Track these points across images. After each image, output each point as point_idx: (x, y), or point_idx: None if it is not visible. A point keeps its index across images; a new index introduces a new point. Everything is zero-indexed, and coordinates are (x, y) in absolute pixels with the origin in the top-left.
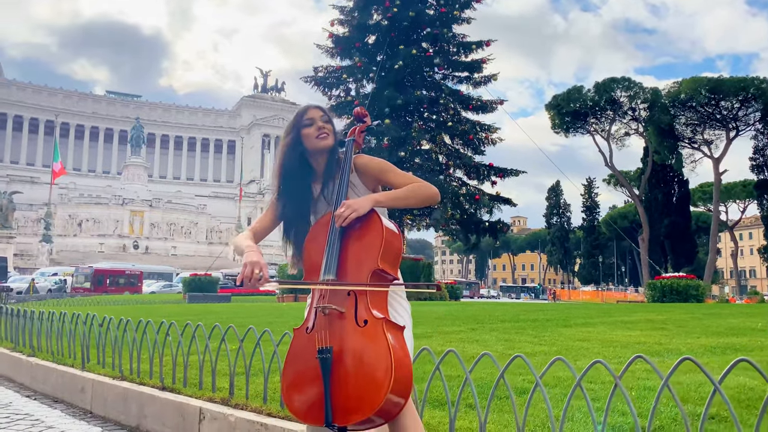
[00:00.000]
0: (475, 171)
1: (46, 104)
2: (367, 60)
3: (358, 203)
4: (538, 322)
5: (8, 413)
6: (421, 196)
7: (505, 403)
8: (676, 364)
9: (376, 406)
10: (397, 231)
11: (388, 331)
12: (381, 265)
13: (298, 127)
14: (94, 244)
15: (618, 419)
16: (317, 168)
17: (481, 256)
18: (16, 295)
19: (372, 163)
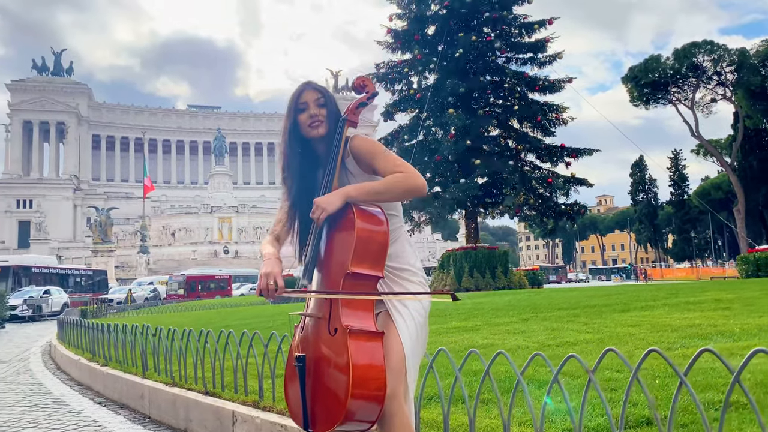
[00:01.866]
0: (547, 153)
1: (134, 123)
2: (427, 51)
3: (328, 201)
4: (596, 308)
5: (77, 420)
6: (399, 189)
7: (520, 399)
8: (695, 357)
9: (338, 419)
10: (381, 224)
11: (355, 341)
12: (353, 269)
13: (294, 112)
14: (187, 252)
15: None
16: (319, 155)
17: (568, 240)
18: (116, 306)
19: (363, 145)
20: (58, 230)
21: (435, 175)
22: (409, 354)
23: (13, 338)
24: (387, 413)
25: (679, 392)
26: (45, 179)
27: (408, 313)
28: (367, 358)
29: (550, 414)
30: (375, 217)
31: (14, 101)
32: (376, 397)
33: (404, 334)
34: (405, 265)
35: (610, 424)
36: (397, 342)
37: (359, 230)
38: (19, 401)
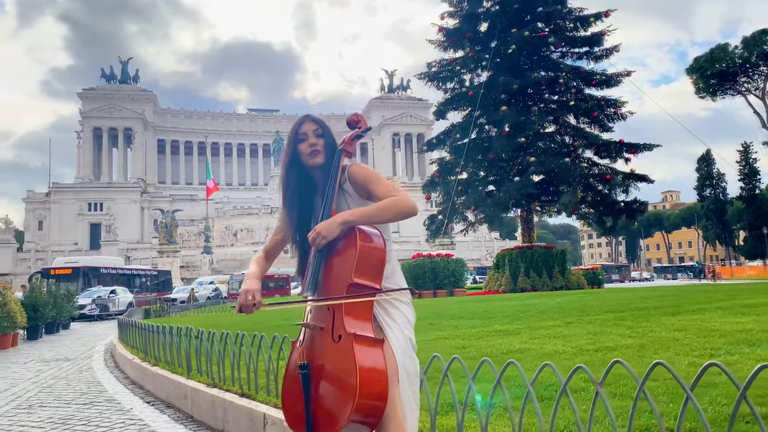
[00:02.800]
0: (605, 149)
1: (197, 127)
2: (479, 48)
3: (327, 228)
4: (645, 311)
5: (125, 419)
6: (392, 211)
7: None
8: (701, 372)
9: (344, 421)
10: (380, 240)
11: (360, 346)
12: (356, 279)
13: (294, 142)
14: (248, 252)
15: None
16: (317, 182)
17: (632, 237)
18: (180, 305)
19: (359, 172)
20: (127, 232)
21: (488, 173)
22: (402, 367)
23: (81, 337)
24: (384, 417)
25: (686, 407)
26: (114, 183)
27: (398, 327)
28: (371, 361)
29: (570, 425)
30: (374, 237)
31: (85, 109)
32: (379, 398)
33: (396, 345)
34: (395, 284)
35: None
36: (390, 352)
37: (361, 246)
38: (76, 399)
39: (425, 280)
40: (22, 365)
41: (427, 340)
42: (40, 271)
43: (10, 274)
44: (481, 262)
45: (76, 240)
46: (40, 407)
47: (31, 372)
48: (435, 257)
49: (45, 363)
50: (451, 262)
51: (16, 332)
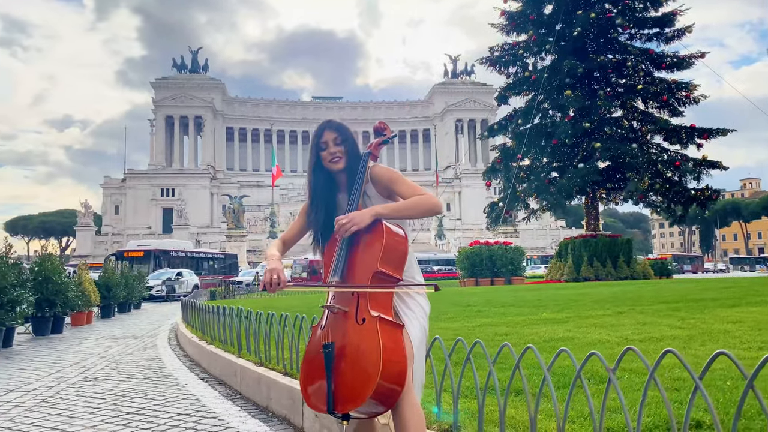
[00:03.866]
0: (675, 135)
1: (264, 115)
2: (543, 32)
3: (360, 217)
4: (702, 303)
5: (178, 393)
6: (421, 208)
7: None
8: (710, 360)
9: (366, 396)
10: (404, 237)
11: (383, 328)
12: (381, 268)
13: (316, 149)
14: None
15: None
16: (339, 183)
17: (706, 226)
18: (245, 287)
19: (384, 173)
20: (197, 216)
21: (552, 159)
22: (416, 351)
23: (150, 316)
24: (399, 400)
25: (694, 396)
26: (185, 169)
27: (415, 317)
28: (393, 343)
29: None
30: (399, 232)
31: (158, 98)
32: (399, 379)
33: (413, 333)
34: (412, 277)
35: (628, 422)
36: (407, 337)
37: (387, 238)
38: (137, 374)
39: (482, 268)
40: (93, 341)
41: (471, 327)
42: (114, 253)
43: (89, 255)
44: (546, 251)
45: (150, 224)
46: (104, 380)
47: (101, 348)
48: (493, 245)
49: (114, 340)
50: (509, 250)
51: (90, 310)
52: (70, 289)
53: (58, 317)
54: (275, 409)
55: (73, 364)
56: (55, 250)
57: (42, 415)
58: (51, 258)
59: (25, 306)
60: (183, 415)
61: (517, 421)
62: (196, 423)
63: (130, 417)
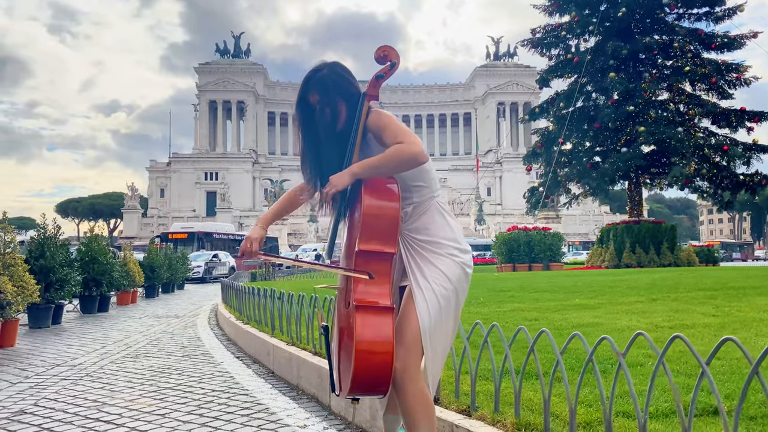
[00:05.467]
0: (724, 118)
1: None
2: (587, 12)
3: (338, 179)
4: (741, 290)
5: (213, 371)
6: (395, 160)
7: None
8: (717, 346)
9: (351, 383)
10: (392, 199)
11: (362, 316)
12: (361, 247)
13: (304, 112)
14: None
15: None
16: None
17: (758, 213)
18: (285, 270)
19: (373, 120)
20: (239, 200)
21: (594, 143)
22: (428, 329)
23: (192, 297)
24: (399, 386)
25: (701, 381)
26: (228, 153)
27: (429, 287)
28: (372, 332)
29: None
30: (386, 191)
31: (201, 83)
32: (380, 370)
33: (421, 310)
34: (434, 237)
35: (636, 410)
36: (413, 317)
37: (366, 207)
38: (176, 351)
39: (520, 254)
40: (137, 320)
41: (501, 312)
42: (159, 235)
43: (135, 237)
44: (589, 237)
45: (194, 207)
46: (144, 357)
47: (144, 326)
48: (531, 230)
49: (157, 319)
50: (548, 235)
51: (135, 290)
52: (115, 269)
53: (104, 296)
54: (305, 388)
55: (117, 341)
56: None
57: (85, 388)
58: (97, 239)
59: (73, 285)
60: (217, 391)
61: (533, 403)
62: (228, 399)
63: (166, 392)
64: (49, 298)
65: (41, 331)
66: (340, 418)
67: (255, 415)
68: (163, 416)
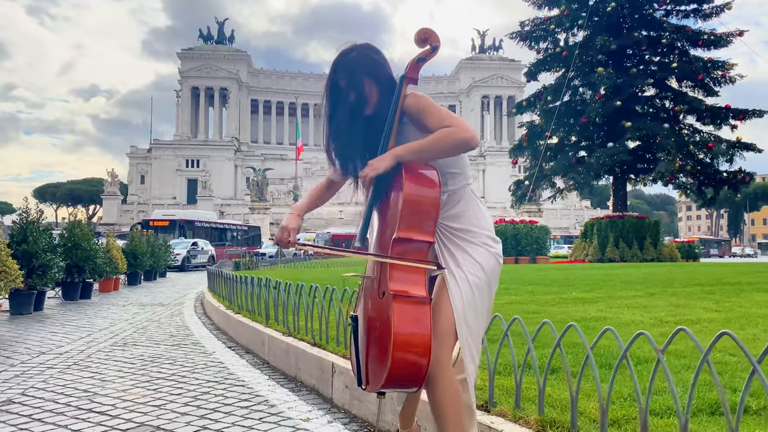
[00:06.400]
0: (709, 115)
1: (288, 88)
2: (576, 6)
3: (378, 162)
4: (737, 286)
5: (207, 361)
6: (445, 144)
7: None
8: (714, 340)
9: (382, 378)
10: (433, 186)
11: (399, 306)
12: (400, 234)
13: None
14: (334, 212)
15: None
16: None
17: (735, 210)
18: (268, 259)
19: (412, 102)
20: (221, 188)
21: (580, 138)
22: (462, 318)
23: (176, 285)
24: (431, 378)
25: (750, 381)
26: (210, 141)
27: (462, 276)
28: (410, 324)
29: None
30: (427, 178)
31: (184, 69)
32: (417, 364)
33: (455, 298)
34: (468, 225)
35: (677, 407)
36: (447, 307)
37: (406, 194)
38: (165, 340)
39: (506, 247)
40: (121, 307)
41: (499, 304)
42: (140, 222)
43: (115, 224)
44: (570, 231)
45: (175, 194)
46: (133, 345)
47: (129, 314)
48: (518, 223)
49: (141, 307)
50: (535, 229)
51: (117, 277)
52: (99, 255)
53: (86, 283)
54: (303, 379)
55: (103, 329)
56: (83, 218)
57: (74, 377)
58: (80, 225)
59: (56, 271)
60: (212, 382)
61: (554, 399)
62: (225, 390)
63: (160, 382)
64: (32, 284)
65: (23, 318)
66: (343, 411)
67: (255, 408)
68: (159, 407)
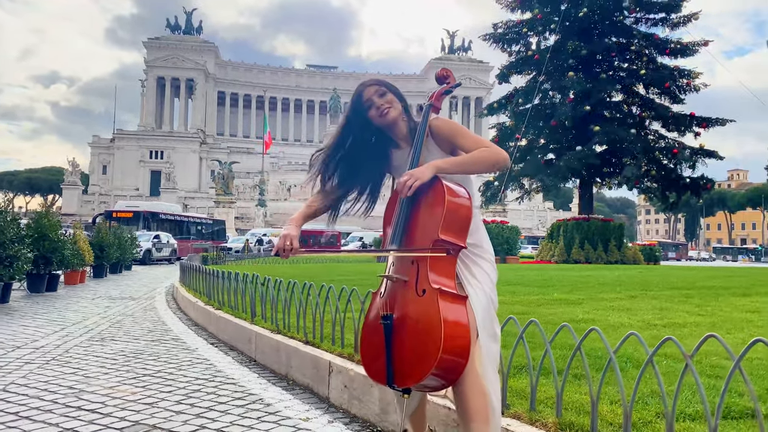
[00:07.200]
0: (674, 122)
1: (256, 81)
2: (548, 11)
3: (420, 171)
4: (713, 290)
5: (191, 357)
6: (485, 162)
7: None
8: (701, 342)
9: (426, 373)
10: (466, 197)
11: (444, 301)
12: (442, 236)
13: (363, 111)
14: (301, 207)
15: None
16: (398, 134)
17: (692, 215)
18: (235, 254)
19: (444, 125)
20: (185, 181)
21: (550, 141)
22: (482, 325)
23: (143, 278)
24: (464, 377)
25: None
26: (175, 132)
27: (479, 286)
28: (455, 317)
29: (644, 396)
30: (461, 191)
31: (149, 58)
32: (462, 353)
33: (476, 304)
34: (479, 242)
35: (705, 410)
36: (471, 310)
37: (449, 201)
38: (144, 335)
39: None
40: (90, 300)
41: None
42: (102, 213)
43: (75, 214)
44: (533, 232)
45: (138, 186)
46: (111, 340)
47: (100, 308)
48: (489, 223)
49: (112, 300)
50: (506, 229)
51: (84, 270)
52: (67, 247)
53: (53, 275)
54: (296, 378)
55: (76, 323)
56: (43, 207)
57: (56, 373)
58: (48, 215)
59: (23, 262)
60: (201, 379)
61: (566, 402)
62: (216, 388)
63: (147, 379)
64: None
65: None
66: (342, 411)
67: (251, 406)
68: (151, 405)
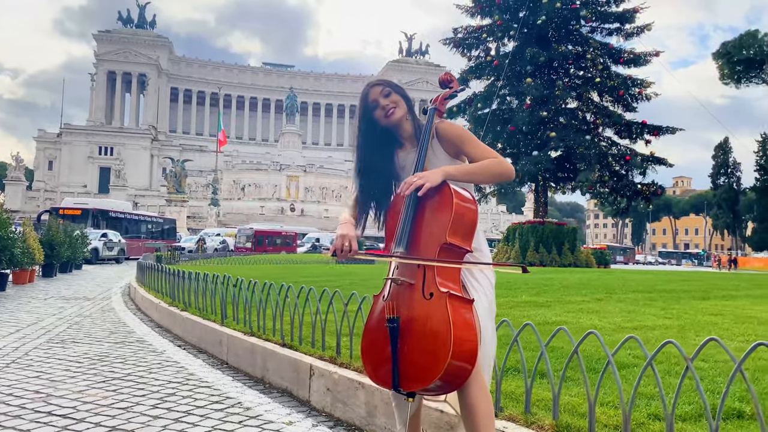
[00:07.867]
0: (627, 129)
1: (211, 78)
2: (508, 17)
3: (430, 175)
4: (674, 294)
5: (160, 360)
6: (493, 172)
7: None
8: (701, 345)
9: (435, 377)
10: (472, 202)
11: (453, 305)
12: (450, 240)
13: (368, 112)
14: (255, 207)
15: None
16: (403, 134)
17: (639, 220)
18: (188, 254)
19: (452, 130)
20: (136, 178)
21: (507, 145)
22: (484, 328)
23: (95, 278)
24: (470, 381)
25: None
26: (125, 128)
27: (482, 290)
28: (463, 320)
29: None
30: (467, 197)
31: (100, 51)
32: (470, 359)
33: (480, 308)
34: (479, 246)
35: (706, 412)
36: (476, 314)
37: (457, 206)
38: (106, 337)
39: None
40: (42, 301)
41: None
42: (49, 210)
43: (19, 211)
44: (488, 234)
45: (86, 182)
46: (72, 343)
47: (54, 308)
48: None
49: (65, 301)
50: None
51: (33, 269)
52: (17, 245)
53: (2, 274)
54: (273, 381)
55: (31, 324)
56: None
57: (18, 377)
58: None
59: None
60: (174, 383)
61: (561, 405)
62: (191, 392)
63: (117, 383)
64: None
65: None
66: (325, 414)
67: (230, 410)
68: (125, 410)
